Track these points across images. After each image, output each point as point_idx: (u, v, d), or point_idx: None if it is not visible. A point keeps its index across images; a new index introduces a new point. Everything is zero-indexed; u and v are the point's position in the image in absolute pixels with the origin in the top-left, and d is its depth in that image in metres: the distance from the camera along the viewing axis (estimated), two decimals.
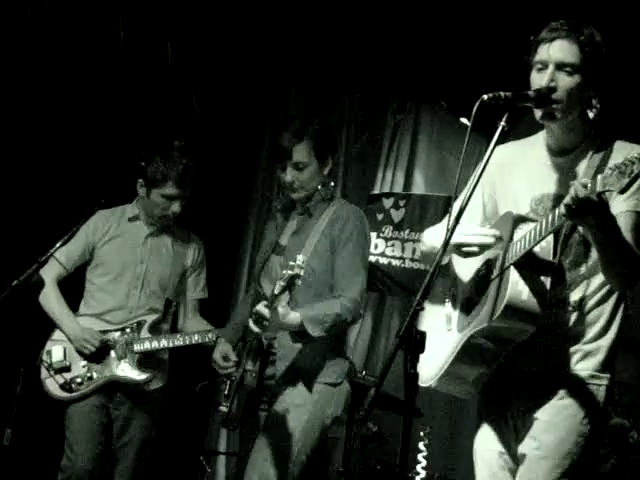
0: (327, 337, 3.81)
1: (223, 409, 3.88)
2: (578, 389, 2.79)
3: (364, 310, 6.35)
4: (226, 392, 3.91)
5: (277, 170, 4.06)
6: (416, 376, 2.43)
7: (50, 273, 4.50)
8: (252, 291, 4.24)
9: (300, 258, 3.53)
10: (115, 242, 4.61)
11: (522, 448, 2.83)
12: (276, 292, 3.60)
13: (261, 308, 3.69)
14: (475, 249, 2.78)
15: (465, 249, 2.80)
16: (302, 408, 3.82)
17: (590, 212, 2.50)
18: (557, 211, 2.57)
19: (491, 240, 2.78)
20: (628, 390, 4.69)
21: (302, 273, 3.51)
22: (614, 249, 2.65)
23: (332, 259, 3.91)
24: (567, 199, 2.49)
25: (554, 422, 2.77)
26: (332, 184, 4.12)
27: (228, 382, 3.91)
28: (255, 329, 3.72)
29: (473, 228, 2.84)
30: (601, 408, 2.80)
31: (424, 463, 4.95)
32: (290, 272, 3.51)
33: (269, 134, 6.56)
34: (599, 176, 2.41)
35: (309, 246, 3.91)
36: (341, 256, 3.90)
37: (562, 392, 2.79)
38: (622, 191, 2.37)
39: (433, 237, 3.06)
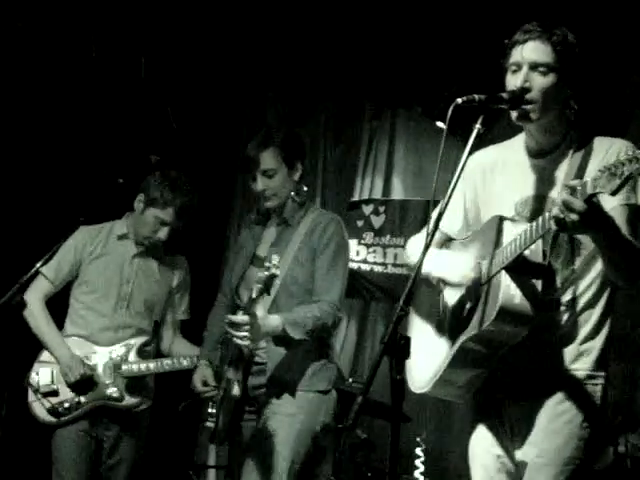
0: (309, 340, 3.82)
1: (209, 424, 3.87)
2: (575, 391, 2.78)
3: (348, 317, 6.40)
4: (210, 410, 3.90)
5: (249, 182, 4.07)
6: (402, 382, 2.43)
7: (38, 291, 4.47)
8: (220, 303, 4.23)
9: (275, 258, 3.54)
10: (102, 260, 4.56)
11: (523, 456, 2.81)
12: (254, 296, 3.61)
13: (236, 316, 3.70)
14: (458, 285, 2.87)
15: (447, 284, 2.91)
16: (294, 417, 3.81)
17: (593, 224, 2.48)
18: (546, 215, 2.56)
19: (471, 276, 2.83)
20: (612, 389, 4.70)
21: (278, 272, 3.52)
22: (618, 249, 2.64)
23: (313, 267, 3.92)
24: (555, 211, 2.47)
25: (554, 428, 2.76)
26: (305, 189, 4.12)
27: (210, 403, 3.90)
28: (238, 340, 3.70)
29: (453, 264, 2.90)
30: (599, 408, 2.80)
31: (422, 468, 4.94)
32: (266, 273, 3.52)
33: (246, 147, 6.55)
34: (589, 179, 2.41)
35: (289, 256, 3.93)
36: (319, 262, 3.92)
37: (559, 395, 2.78)
38: (614, 193, 2.36)
39: (415, 249, 3.07)
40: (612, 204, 2.69)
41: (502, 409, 2.89)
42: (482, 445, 2.95)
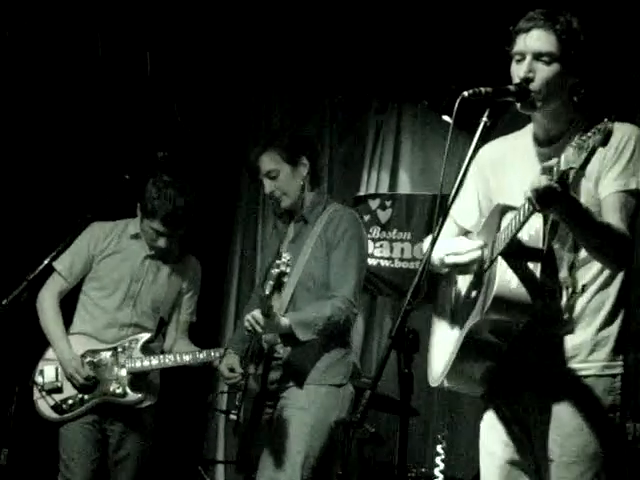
0: (318, 339, 3.83)
1: (233, 417, 3.89)
2: (593, 384, 2.74)
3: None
4: (237, 403, 3.92)
5: (260, 190, 4.11)
6: (410, 376, 2.43)
7: (52, 288, 4.50)
8: (253, 300, 4.27)
9: (286, 256, 3.56)
10: (114, 258, 4.56)
11: (549, 453, 2.77)
12: (267, 293, 3.62)
13: (256, 313, 3.72)
14: (468, 266, 2.83)
15: (459, 269, 2.86)
16: (307, 411, 3.82)
17: (555, 201, 2.49)
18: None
19: (478, 253, 2.80)
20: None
21: (288, 270, 3.54)
22: (592, 233, 2.64)
23: (328, 262, 3.94)
24: (529, 191, 2.49)
25: (576, 425, 2.72)
26: (322, 186, 4.16)
27: (239, 393, 3.92)
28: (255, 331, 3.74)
29: (460, 245, 2.86)
30: (619, 399, 2.76)
31: (442, 466, 4.94)
32: (277, 270, 3.54)
33: (252, 143, 6.56)
34: (563, 155, 2.42)
35: (305, 252, 3.96)
36: (334, 257, 3.93)
37: (577, 391, 2.75)
38: (582, 166, 2.36)
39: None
40: (609, 190, 2.70)
41: (517, 402, 2.87)
42: (493, 437, 2.93)
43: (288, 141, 4.08)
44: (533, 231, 2.70)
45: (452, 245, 2.86)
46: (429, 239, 3.16)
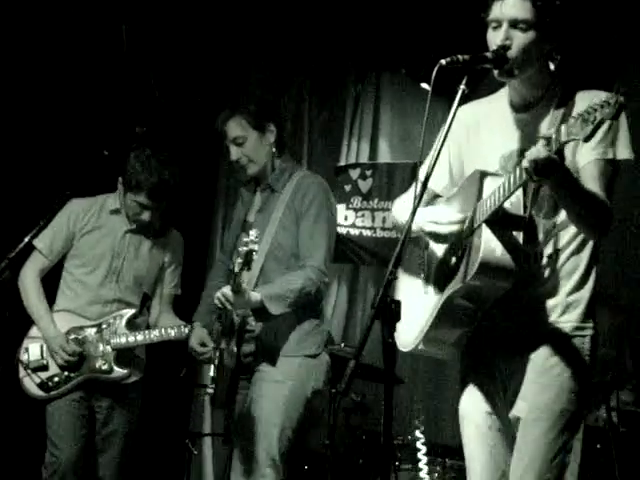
0: (290, 312, 3.82)
1: (210, 391, 3.89)
2: (563, 344, 2.79)
3: (338, 282, 6.43)
4: (211, 374, 3.91)
5: (226, 156, 4.07)
6: (394, 345, 2.44)
7: (33, 266, 4.49)
8: (219, 263, 4.27)
9: (253, 233, 3.54)
10: (94, 234, 4.54)
11: (516, 412, 2.81)
12: (236, 270, 3.61)
13: (225, 290, 3.71)
14: (446, 237, 2.84)
15: (437, 238, 2.87)
16: (283, 384, 3.83)
17: (553, 172, 2.51)
18: (522, 165, 2.56)
19: (457, 227, 2.81)
20: (603, 343, 4.74)
21: (256, 248, 3.52)
22: (579, 202, 2.66)
23: (297, 231, 3.92)
24: (526, 162, 2.50)
25: (544, 383, 2.77)
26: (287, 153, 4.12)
27: (212, 366, 3.91)
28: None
29: (440, 214, 2.85)
30: (588, 360, 2.80)
31: (422, 428, 4.98)
32: (245, 248, 3.52)
33: None
34: (563, 126, 2.42)
35: (274, 221, 3.93)
36: (303, 226, 3.91)
37: (548, 349, 2.79)
38: (587, 139, 2.37)
39: (402, 210, 3.06)
40: (588, 158, 2.71)
41: (492, 366, 2.90)
42: (473, 403, 2.96)
43: (255, 107, 4.03)
44: (514, 199, 2.71)
45: (432, 214, 2.86)
46: (398, 202, 3.18)
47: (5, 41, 5.40)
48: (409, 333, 2.97)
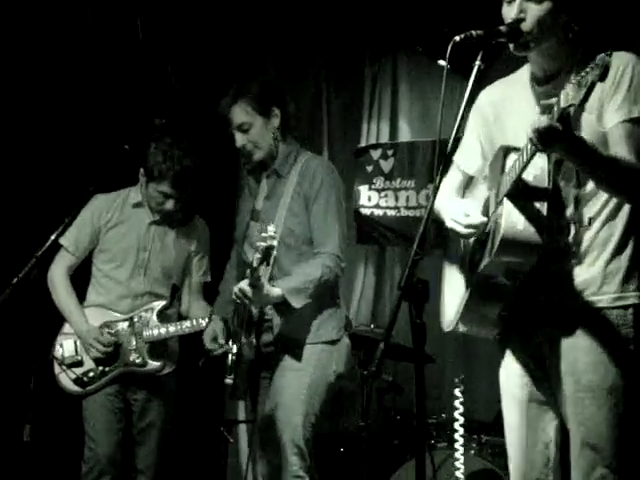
0: (311, 301, 3.79)
1: (228, 382, 3.89)
2: (605, 317, 2.73)
3: (365, 264, 6.42)
4: (229, 364, 3.91)
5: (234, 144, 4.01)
6: (423, 325, 2.44)
7: (60, 264, 4.52)
8: (233, 259, 4.22)
9: (271, 229, 3.51)
10: (119, 228, 4.57)
11: (564, 388, 2.77)
12: (254, 265, 3.58)
13: (243, 286, 3.69)
14: (465, 236, 2.88)
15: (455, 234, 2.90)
16: (303, 372, 3.80)
17: (558, 140, 2.49)
18: None
19: (474, 230, 2.82)
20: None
21: (275, 243, 3.49)
22: (599, 168, 2.63)
23: (308, 216, 3.88)
24: (530, 131, 2.49)
25: (589, 360, 2.72)
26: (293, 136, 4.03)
27: (229, 356, 3.90)
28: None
29: (461, 214, 2.85)
30: (632, 331, 2.73)
31: (462, 409, 4.96)
32: (264, 244, 3.49)
33: None
34: (562, 92, 2.40)
35: (283, 208, 3.88)
36: (314, 211, 3.85)
37: (590, 323, 2.73)
38: (581, 103, 2.35)
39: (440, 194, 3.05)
40: (613, 121, 2.68)
41: (530, 340, 2.88)
42: (512, 377, 2.95)
43: (259, 89, 3.93)
44: (538, 171, 2.69)
45: (455, 212, 2.86)
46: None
47: (25, 37, 5.41)
48: (449, 313, 2.99)
